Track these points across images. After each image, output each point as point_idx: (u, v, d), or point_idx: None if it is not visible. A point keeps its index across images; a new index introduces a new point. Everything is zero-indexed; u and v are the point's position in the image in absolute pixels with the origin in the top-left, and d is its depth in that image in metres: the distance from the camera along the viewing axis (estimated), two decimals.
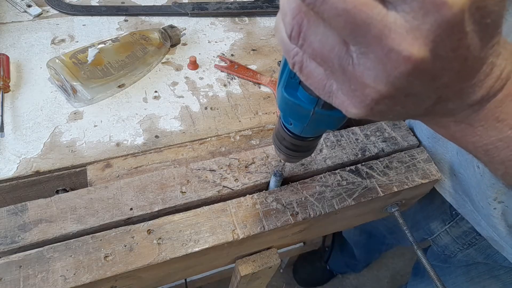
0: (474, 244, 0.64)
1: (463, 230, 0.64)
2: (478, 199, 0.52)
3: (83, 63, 0.57)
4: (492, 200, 0.49)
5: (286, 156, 0.39)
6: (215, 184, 0.49)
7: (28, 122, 0.55)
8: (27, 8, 0.69)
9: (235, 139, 0.57)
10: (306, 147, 0.37)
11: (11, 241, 0.41)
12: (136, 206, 0.46)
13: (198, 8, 0.73)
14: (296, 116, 0.31)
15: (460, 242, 0.66)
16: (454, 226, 0.66)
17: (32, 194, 0.53)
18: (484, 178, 0.48)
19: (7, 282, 0.39)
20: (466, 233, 0.64)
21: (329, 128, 0.32)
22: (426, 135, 0.58)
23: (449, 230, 0.67)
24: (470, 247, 0.65)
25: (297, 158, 0.40)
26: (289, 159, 0.40)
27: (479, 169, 0.48)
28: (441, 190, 0.61)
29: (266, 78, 0.64)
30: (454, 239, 0.67)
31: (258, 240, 0.48)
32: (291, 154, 0.38)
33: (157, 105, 0.59)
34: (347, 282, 1.50)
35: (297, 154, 0.38)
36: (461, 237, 0.66)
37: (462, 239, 0.66)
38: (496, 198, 0.48)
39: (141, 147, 0.54)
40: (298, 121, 0.32)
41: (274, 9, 0.76)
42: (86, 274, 0.40)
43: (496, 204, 0.49)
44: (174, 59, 0.67)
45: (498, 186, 0.46)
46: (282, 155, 0.39)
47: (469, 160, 0.50)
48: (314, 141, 0.37)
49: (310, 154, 0.40)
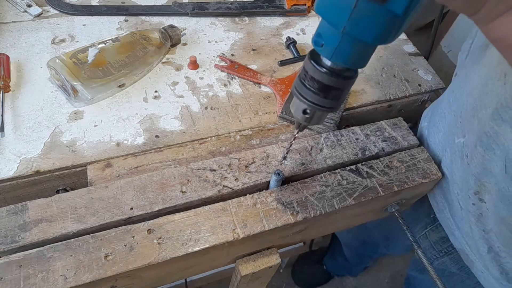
0: (450, 253, 0.64)
1: (441, 235, 0.65)
2: (459, 197, 0.52)
3: (83, 63, 0.57)
4: (473, 193, 0.49)
5: (312, 107, 0.36)
6: (215, 183, 0.49)
7: (29, 122, 0.55)
8: (27, 8, 0.69)
9: (235, 139, 0.57)
10: (335, 90, 0.35)
11: (11, 240, 0.41)
12: (136, 205, 0.46)
13: (198, 8, 0.73)
14: (335, 13, 0.29)
15: (437, 248, 0.66)
16: (433, 230, 0.66)
17: (33, 193, 0.53)
18: (471, 166, 0.48)
19: (8, 281, 0.39)
20: (443, 240, 0.64)
21: (367, 38, 0.30)
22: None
23: (428, 233, 0.68)
24: (446, 255, 0.65)
25: (323, 110, 0.37)
26: (314, 114, 0.37)
27: (467, 158, 0.48)
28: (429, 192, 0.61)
29: (266, 78, 0.64)
30: (432, 244, 0.67)
31: (258, 240, 0.48)
32: (318, 103, 0.36)
33: (158, 105, 0.59)
34: (347, 283, 1.50)
35: (324, 102, 0.36)
36: (438, 243, 0.66)
37: (439, 246, 0.66)
38: (478, 192, 0.48)
39: (142, 147, 0.54)
40: (334, 24, 0.30)
41: (274, 9, 0.76)
42: (86, 273, 0.40)
43: (476, 200, 0.49)
44: (174, 59, 0.67)
45: (482, 179, 0.46)
46: (305, 110, 0.37)
47: (459, 151, 0.51)
48: (344, 82, 0.35)
49: (337, 107, 0.37)
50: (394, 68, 0.70)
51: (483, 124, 0.44)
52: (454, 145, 0.51)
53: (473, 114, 0.46)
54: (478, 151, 0.45)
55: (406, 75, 0.69)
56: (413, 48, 0.75)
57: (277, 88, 0.63)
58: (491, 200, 0.46)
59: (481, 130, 0.44)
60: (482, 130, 0.44)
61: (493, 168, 0.44)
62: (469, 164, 0.48)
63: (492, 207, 0.47)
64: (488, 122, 0.43)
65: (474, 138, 0.46)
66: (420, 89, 0.67)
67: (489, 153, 0.43)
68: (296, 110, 0.39)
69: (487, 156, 0.44)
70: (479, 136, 0.44)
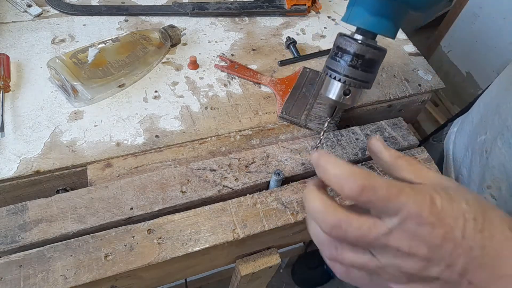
0: None
1: None
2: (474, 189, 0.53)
3: (83, 63, 0.57)
4: (486, 187, 0.50)
5: (347, 78, 0.38)
6: (215, 183, 0.49)
7: (29, 122, 0.55)
8: (27, 8, 0.69)
9: (235, 139, 0.57)
10: (369, 61, 0.37)
11: (11, 240, 0.41)
12: (136, 205, 0.46)
13: (198, 8, 0.73)
14: None
15: None
16: None
17: (33, 193, 0.53)
18: (488, 160, 0.49)
19: (8, 281, 0.39)
20: None
21: None
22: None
23: None
24: None
25: (361, 83, 0.39)
26: (349, 86, 0.39)
27: (487, 153, 0.49)
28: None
29: (266, 78, 0.64)
30: None
31: (258, 240, 0.48)
32: (352, 75, 0.38)
33: (158, 105, 0.59)
34: (347, 282, 1.50)
35: (359, 75, 0.38)
36: None
37: None
38: (490, 187, 0.49)
39: (142, 147, 0.54)
40: None
41: (274, 9, 0.76)
42: (86, 273, 0.40)
43: (488, 195, 0.50)
44: (174, 59, 0.67)
45: (496, 173, 0.47)
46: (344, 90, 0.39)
47: (479, 148, 0.52)
48: (379, 53, 0.38)
49: (372, 80, 0.39)
50: (394, 68, 0.70)
51: (504, 118, 0.45)
52: (475, 144, 0.53)
53: (496, 111, 0.47)
54: (498, 145, 0.46)
55: (406, 75, 0.69)
56: (413, 48, 0.75)
57: (277, 88, 0.63)
58: (500, 196, 0.47)
59: (502, 124, 0.45)
60: (504, 124, 0.45)
61: (507, 163, 0.44)
62: (488, 159, 0.49)
63: (502, 203, 0.47)
64: (511, 116, 0.43)
65: (495, 133, 0.47)
66: (420, 89, 0.67)
67: (505, 147, 0.44)
68: (332, 93, 0.40)
69: (504, 150, 0.45)
70: (500, 130, 0.45)
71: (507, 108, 0.45)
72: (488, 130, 0.50)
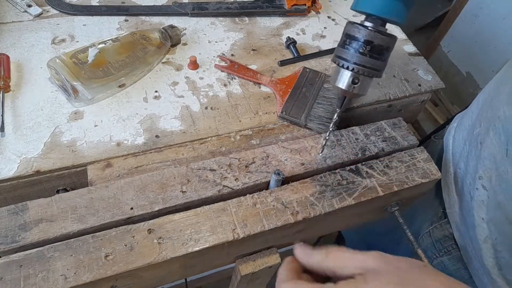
0: (449, 253, 0.65)
1: (444, 234, 0.66)
2: (470, 188, 0.54)
3: (83, 63, 0.57)
4: (477, 178, 0.51)
5: (356, 65, 0.37)
6: (215, 183, 0.49)
7: (29, 122, 0.55)
8: (27, 8, 0.69)
9: (235, 139, 0.57)
10: (379, 47, 0.37)
11: (11, 240, 0.41)
12: (136, 205, 0.46)
13: (198, 8, 0.73)
14: None
15: (438, 247, 0.67)
16: (437, 227, 0.67)
17: (33, 193, 0.53)
18: (481, 151, 0.50)
19: (8, 281, 0.39)
20: (445, 238, 0.66)
21: None
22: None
23: (432, 231, 0.68)
24: (445, 255, 0.66)
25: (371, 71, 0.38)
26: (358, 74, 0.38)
27: (481, 144, 0.50)
28: (444, 185, 0.62)
29: (266, 78, 0.64)
30: (434, 242, 0.68)
31: (258, 240, 0.48)
32: (361, 62, 0.37)
33: (158, 105, 0.59)
34: None
35: (368, 62, 0.37)
36: (440, 241, 0.67)
37: (440, 244, 0.67)
38: (481, 177, 0.49)
39: (142, 147, 0.54)
40: None
41: (274, 9, 0.76)
42: (86, 273, 0.40)
43: (480, 186, 0.50)
44: (174, 59, 0.67)
45: (487, 164, 0.48)
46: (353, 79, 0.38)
47: (475, 140, 0.53)
48: (389, 39, 0.37)
49: (383, 69, 0.39)
50: (394, 68, 0.70)
51: (497, 108, 0.45)
52: (472, 137, 0.53)
53: (490, 103, 0.48)
54: (490, 136, 0.46)
55: (406, 75, 0.69)
56: (413, 48, 0.75)
57: (277, 88, 0.63)
58: (491, 187, 0.48)
59: (494, 115, 0.46)
60: (496, 115, 0.45)
61: (497, 153, 0.45)
62: (481, 150, 0.49)
63: (492, 193, 0.48)
64: (502, 106, 0.44)
65: (488, 124, 0.47)
66: (420, 89, 0.67)
67: (496, 137, 0.45)
68: (342, 82, 0.39)
69: (495, 140, 0.45)
70: (493, 121, 0.46)
71: (499, 100, 0.46)
72: (482, 122, 0.51)
